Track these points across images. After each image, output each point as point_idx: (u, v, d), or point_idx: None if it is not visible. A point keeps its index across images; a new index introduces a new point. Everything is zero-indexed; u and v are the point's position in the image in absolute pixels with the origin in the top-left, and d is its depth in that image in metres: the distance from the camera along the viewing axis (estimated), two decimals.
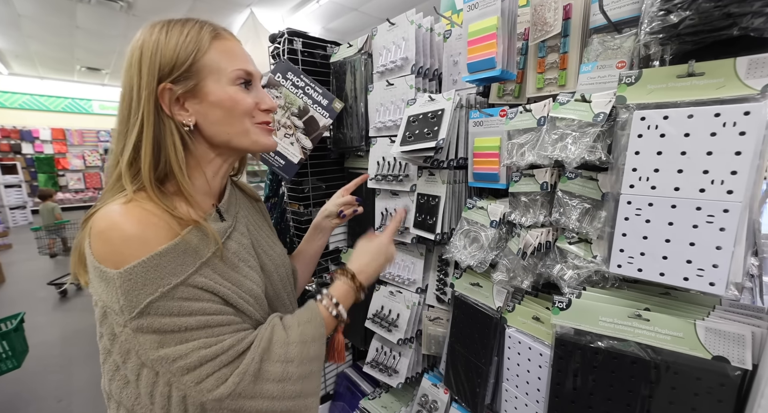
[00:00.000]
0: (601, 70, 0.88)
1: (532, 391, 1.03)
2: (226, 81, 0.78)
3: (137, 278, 0.65)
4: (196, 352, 0.68)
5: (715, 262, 0.68)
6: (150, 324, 0.66)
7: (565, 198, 0.94)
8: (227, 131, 0.81)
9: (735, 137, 0.64)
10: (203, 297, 0.71)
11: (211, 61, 0.77)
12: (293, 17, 5.91)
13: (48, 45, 7.28)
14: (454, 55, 1.26)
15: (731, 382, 0.70)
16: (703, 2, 0.58)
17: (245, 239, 0.89)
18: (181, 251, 0.70)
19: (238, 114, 0.80)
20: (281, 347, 0.75)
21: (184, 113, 0.78)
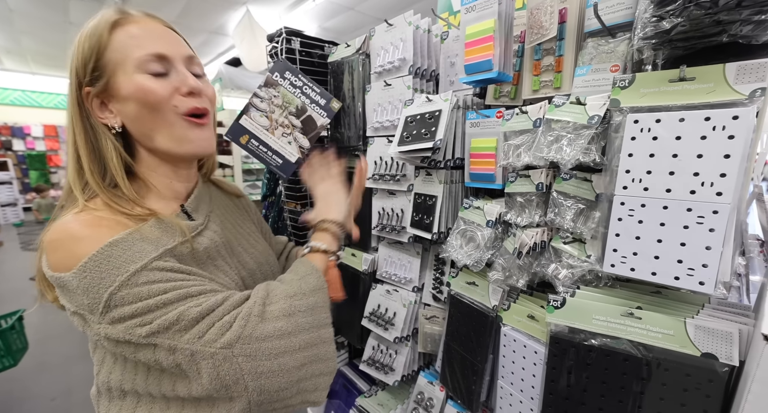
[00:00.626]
0: (595, 74, 0.90)
1: (526, 388, 1.06)
2: (133, 69, 0.71)
3: (92, 273, 0.61)
4: (188, 312, 0.63)
5: (705, 262, 0.71)
6: (121, 314, 0.62)
7: (560, 199, 0.96)
8: (150, 127, 0.75)
9: (724, 141, 0.67)
10: (174, 277, 0.66)
11: (114, 51, 0.71)
12: (289, 16, 5.90)
13: (40, 41, 7.22)
14: (451, 57, 1.28)
15: (719, 378, 0.72)
16: (694, 10, 0.60)
17: (218, 238, 0.84)
18: (137, 239, 0.66)
19: (151, 104, 0.72)
20: (278, 288, 0.73)
21: (109, 115, 0.74)
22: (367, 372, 1.59)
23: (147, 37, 0.73)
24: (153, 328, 0.62)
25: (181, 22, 6.20)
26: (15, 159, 10.35)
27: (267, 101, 1.49)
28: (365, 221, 1.57)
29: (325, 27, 6.43)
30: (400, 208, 1.40)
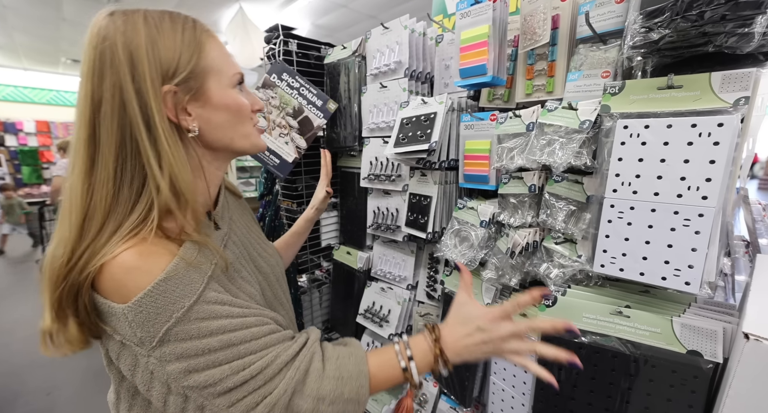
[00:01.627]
0: (587, 79, 0.92)
1: (518, 384, 1.08)
2: (228, 83, 0.74)
3: (148, 309, 0.61)
4: (226, 380, 0.64)
5: (691, 263, 0.73)
6: (173, 350, 0.62)
7: (552, 200, 0.98)
8: (230, 134, 0.76)
9: (710, 147, 0.69)
10: (220, 313, 0.66)
11: (211, 61, 0.71)
12: (282, 13, 5.87)
13: (33, 37, 7.14)
14: (445, 59, 1.30)
15: (704, 374, 0.75)
16: (681, 22, 0.62)
17: (237, 249, 0.85)
18: (184, 269, 0.64)
19: (243, 117, 0.77)
20: (315, 380, 0.69)
21: (189, 118, 0.71)
22: None
23: (228, 55, 0.76)
24: (193, 382, 0.63)
25: None
26: (7, 155, 10.23)
27: (264, 102, 1.50)
28: (361, 220, 1.59)
29: (318, 24, 6.42)
30: (395, 207, 1.42)
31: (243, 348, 0.66)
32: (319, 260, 1.82)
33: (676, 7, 0.62)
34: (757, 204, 1.20)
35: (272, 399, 0.66)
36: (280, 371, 0.68)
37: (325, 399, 0.68)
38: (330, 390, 0.69)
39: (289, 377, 0.67)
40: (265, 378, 0.66)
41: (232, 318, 0.67)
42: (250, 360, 0.66)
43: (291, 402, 0.67)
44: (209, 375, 0.64)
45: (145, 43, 0.65)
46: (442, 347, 0.74)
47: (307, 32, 6.69)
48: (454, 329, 0.77)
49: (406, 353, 0.74)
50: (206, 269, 0.68)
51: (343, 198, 1.75)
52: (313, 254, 1.76)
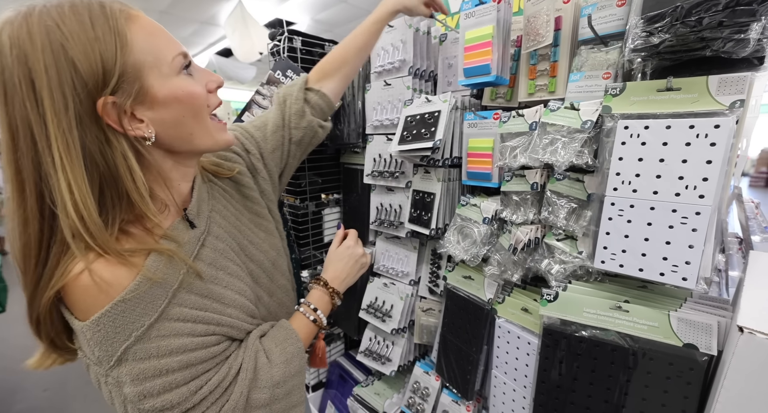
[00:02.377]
0: (588, 80, 0.95)
1: (519, 377, 1.11)
2: (170, 72, 0.65)
3: (107, 328, 0.59)
4: (184, 402, 0.65)
5: (688, 259, 0.76)
6: (129, 371, 0.61)
7: (553, 198, 1.01)
8: (189, 131, 0.70)
9: (707, 148, 0.72)
10: (182, 330, 0.66)
11: (141, 51, 0.61)
12: (282, 7, 5.88)
13: None
14: (449, 58, 1.32)
15: (699, 367, 0.78)
16: (681, 27, 0.66)
17: (221, 243, 0.81)
18: (146, 287, 0.62)
19: (197, 107, 0.69)
20: (266, 373, 0.75)
21: (141, 125, 0.64)
22: (363, 363, 1.64)
23: (162, 34, 0.66)
24: (150, 406, 0.63)
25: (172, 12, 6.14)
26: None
27: (269, 98, 1.52)
28: (364, 216, 1.62)
29: (318, 19, 6.43)
30: (398, 204, 1.45)
31: (201, 367, 0.68)
32: (322, 255, 1.85)
33: (676, 13, 0.65)
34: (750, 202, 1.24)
35: (230, 404, 0.70)
36: (234, 378, 0.72)
37: (279, 383, 0.76)
38: (281, 375, 0.77)
39: (241, 379, 0.72)
40: (222, 389, 0.70)
41: (194, 336, 0.67)
42: (207, 377, 0.68)
43: (249, 399, 0.72)
44: (165, 400, 0.63)
45: (45, 59, 0.55)
46: (332, 286, 0.99)
47: (307, 27, 6.71)
48: (334, 266, 1.03)
49: (311, 309, 0.93)
50: (173, 281, 0.65)
51: (346, 194, 1.78)
52: (316, 249, 1.79)
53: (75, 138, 0.57)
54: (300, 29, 2.11)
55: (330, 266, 1.04)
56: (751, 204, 1.22)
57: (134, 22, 0.62)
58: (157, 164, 0.70)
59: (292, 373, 0.79)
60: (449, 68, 1.33)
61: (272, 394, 0.75)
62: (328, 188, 1.79)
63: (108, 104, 0.59)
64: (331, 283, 0.99)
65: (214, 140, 0.74)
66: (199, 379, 0.67)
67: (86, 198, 0.58)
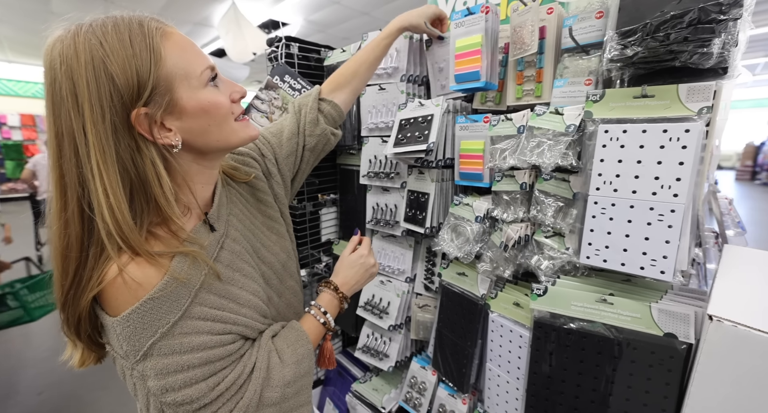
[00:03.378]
0: (571, 86, 1.01)
1: (512, 369, 1.17)
2: (198, 85, 0.70)
3: (135, 324, 0.64)
4: (202, 398, 0.69)
5: (665, 253, 0.82)
6: (154, 365, 0.66)
7: (541, 197, 1.07)
8: (216, 138, 0.75)
9: (679, 150, 0.78)
10: (203, 329, 0.70)
11: (174, 66, 0.66)
12: (275, 8, 5.91)
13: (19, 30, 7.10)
14: (438, 62, 1.38)
15: (679, 354, 0.84)
16: (651, 41, 0.72)
17: (238, 246, 0.86)
18: (173, 287, 0.66)
19: (222, 117, 0.74)
20: (278, 372, 0.79)
21: (169, 134, 0.69)
22: (360, 359, 1.69)
23: (194, 49, 0.71)
24: (171, 399, 0.68)
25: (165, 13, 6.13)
26: None
27: (267, 103, 1.57)
28: (360, 216, 1.68)
29: (311, 20, 6.46)
30: (393, 203, 1.51)
31: (219, 365, 0.72)
32: (320, 254, 1.90)
33: (647, 28, 0.72)
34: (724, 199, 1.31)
35: (245, 401, 0.74)
36: (249, 376, 0.76)
37: (289, 383, 0.80)
38: (292, 374, 0.81)
39: (255, 378, 0.76)
40: (237, 386, 0.74)
41: (213, 334, 0.72)
42: (224, 374, 0.73)
43: (261, 397, 0.76)
44: (186, 395, 0.68)
45: (87, 74, 0.61)
46: (341, 290, 1.01)
47: (300, 27, 6.74)
48: (345, 272, 1.05)
49: (321, 312, 0.96)
50: (195, 281, 0.70)
51: (343, 195, 1.83)
52: (314, 249, 1.84)
53: (111, 146, 0.63)
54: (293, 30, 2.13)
55: (341, 272, 1.05)
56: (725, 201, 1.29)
57: (168, 39, 0.67)
58: (183, 169, 0.74)
59: (302, 373, 0.83)
60: (440, 72, 1.38)
61: (283, 393, 0.79)
62: (325, 188, 1.85)
63: (141, 115, 0.64)
64: (341, 288, 1.01)
65: (239, 138, 0.79)
66: (216, 376, 0.71)
67: (120, 203, 0.63)
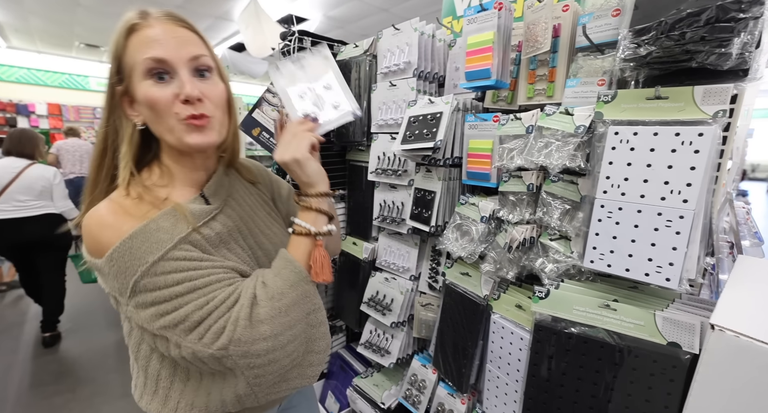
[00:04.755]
0: (584, 86, 0.98)
1: (512, 372, 1.15)
2: (140, 76, 0.74)
3: (119, 263, 0.70)
4: (192, 314, 0.71)
5: (671, 260, 0.80)
6: (143, 300, 0.71)
7: (548, 199, 1.04)
8: (157, 129, 0.79)
9: (691, 154, 0.75)
10: (186, 267, 0.73)
11: (130, 57, 0.74)
12: (295, 3, 5.91)
13: (48, 21, 7.23)
14: (456, 62, 1.36)
15: (682, 364, 0.81)
16: (665, 40, 0.69)
17: (230, 222, 0.89)
18: (153, 230, 0.72)
19: (158, 112, 0.76)
20: (261, 288, 0.77)
21: (134, 114, 0.79)
22: (363, 355, 1.69)
23: (153, 41, 0.74)
24: (164, 323, 0.71)
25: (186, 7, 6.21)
26: None
27: (278, 97, 1.56)
28: (367, 212, 1.66)
29: (330, 16, 6.45)
30: (400, 201, 1.49)
31: (208, 289, 0.74)
32: None
33: (661, 27, 0.69)
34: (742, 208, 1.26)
35: (234, 315, 0.73)
36: (238, 296, 0.76)
37: (275, 296, 0.77)
38: (274, 287, 0.78)
39: (243, 294, 0.76)
40: (227, 306, 0.74)
41: (200, 269, 0.75)
42: (213, 295, 0.74)
43: (252, 313, 0.74)
44: (175, 317, 0.71)
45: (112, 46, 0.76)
46: (302, 191, 0.89)
47: (319, 23, 6.73)
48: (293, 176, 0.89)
49: (297, 223, 0.87)
50: (179, 231, 0.76)
51: (351, 190, 1.82)
52: None
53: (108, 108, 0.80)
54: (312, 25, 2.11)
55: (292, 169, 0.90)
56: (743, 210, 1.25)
57: (135, 33, 0.75)
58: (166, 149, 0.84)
59: (287, 283, 0.80)
60: (456, 71, 1.37)
61: (272, 307, 0.76)
62: (333, 183, 1.82)
63: (118, 91, 0.77)
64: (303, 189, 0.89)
65: (177, 140, 0.78)
66: (205, 297, 0.73)
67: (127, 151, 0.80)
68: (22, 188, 3.06)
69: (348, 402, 1.79)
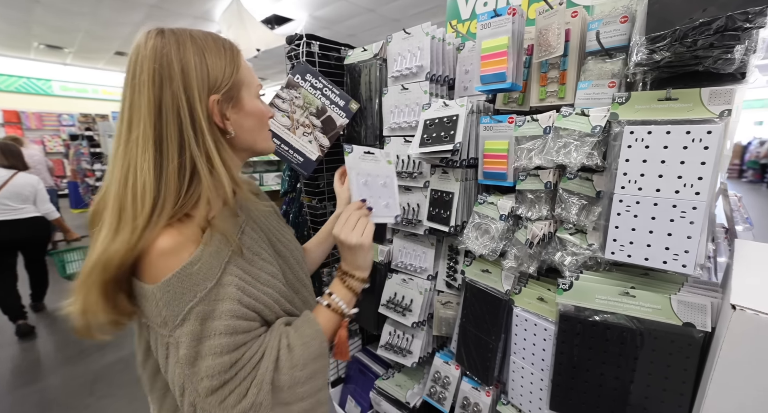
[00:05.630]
0: (595, 88, 1.10)
1: (537, 361, 1.27)
2: (254, 94, 0.93)
3: (175, 289, 0.73)
4: (223, 373, 0.75)
5: (687, 248, 0.92)
6: (191, 330, 0.74)
7: (565, 195, 1.15)
8: (255, 137, 0.94)
9: (701, 151, 0.88)
10: (233, 295, 0.79)
11: (243, 76, 0.89)
12: (279, 4, 5.98)
13: (1, 19, 7.16)
14: (466, 65, 1.48)
15: (696, 342, 0.94)
16: (679, 47, 0.81)
17: (255, 233, 0.97)
18: (208, 255, 0.77)
19: (264, 123, 0.97)
20: (286, 354, 0.82)
21: (228, 122, 0.87)
22: (380, 357, 1.79)
23: (251, 69, 0.94)
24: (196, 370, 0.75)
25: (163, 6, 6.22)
26: None
27: (288, 102, 1.67)
28: None
29: (316, 16, 6.53)
30: (416, 203, 1.60)
31: (241, 338, 0.79)
32: None
33: (676, 34, 0.81)
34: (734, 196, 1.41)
35: (259, 378, 0.78)
36: (262, 356, 0.81)
37: (298, 365, 0.82)
38: (300, 356, 0.83)
39: (267, 357, 0.80)
40: (252, 365, 0.79)
41: (240, 304, 0.80)
42: (243, 350, 0.79)
43: (273, 380, 0.79)
44: (210, 367, 0.74)
45: (194, 60, 0.80)
46: (349, 271, 1.03)
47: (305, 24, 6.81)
48: (342, 254, 1.05)
49: (327, 295, 1.00)
50: (224, 255, 0.81)
51: None
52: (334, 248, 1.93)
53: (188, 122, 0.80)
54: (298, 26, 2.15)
55: (341, 253, 1.06)
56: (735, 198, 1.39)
57: (242, 57, 0.91)
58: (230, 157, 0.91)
59: (311, 356, 0.85)
60: (466, 74, 1.48)
61: (292, 376, 0.81)
62: None
63: (214, 100, 0.83)
64: (349, 270, 1.03)
65: (267, 145, 1.00)
66: (237, 351, 0.78)
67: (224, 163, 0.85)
68: (10, 194, 3.72)
69: (368, 405, 1.89)
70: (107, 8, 6.48)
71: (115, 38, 8.24)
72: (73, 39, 8.46)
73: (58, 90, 11.79)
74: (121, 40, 8.33)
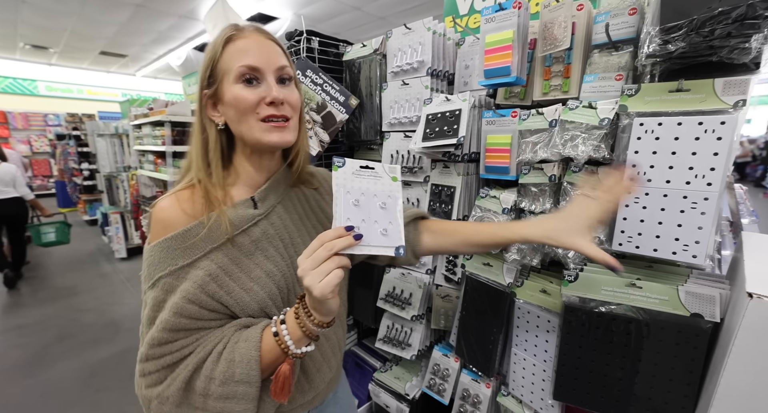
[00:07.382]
0: (602, 81, 1.08)
1: (539, 353, 1.24)
2: (232, 80, 0.84)
3: (156, 255, 0.80)
4: (154, 348, 0.78)
5: (698, 239, 0.90)
6: (155, 296, 0.79)
7: (570, 188, 1.13)
8: (239, 128, 0.87)
9: (714, 141, 0.85)
10: (199, 280, 0.79)
11: (224, 63, 0.84)
12: (264, 2, 5.89)
13: None
14: (466, 60, 1.45)
15: (704, 333, 0.92)
16: (695, 37, 0.79)
17: (272, 229, 0.91)
18: (193, 235, 0.81)
19: (242, 111, 0.84)
20: (212, 361, 0.77)
21: (216, 114, 0.88)
22: (375, 350, 1.75)
23: (248, 51, 0.84)
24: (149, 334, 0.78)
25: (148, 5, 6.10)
26: None
27: None
28: None
29: (301, 14, 6.45)
30: (416, 197, 1.57)
31: (184, 323, 0.78)
32: None
33: (692, 24, 0.78)
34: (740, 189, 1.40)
35: (175, 374, 0.78)
36: (191, 351, 0.79)
37: (215, 379, 0.75)
38: (221, 372, 0.76)
39: (194, 354, 0.78)
40: (181, 355, 0.78)
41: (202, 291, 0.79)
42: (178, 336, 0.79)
43: (190, 378, 0.77)
44: (152, 336, 0.78)
45: (203, 61, 0.87)
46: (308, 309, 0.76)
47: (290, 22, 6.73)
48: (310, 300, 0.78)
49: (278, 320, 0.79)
50: (215, 240, 0.83)
51: None
52: None
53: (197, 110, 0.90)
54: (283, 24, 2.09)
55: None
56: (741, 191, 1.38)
57: (230, 43, 0.85)
58: (239, 148, 0.93)
59: (232, 378, 0.76)
60: (466, 69, 1.45)
61: (206, 386, 0.76)
62: None
63: (204, 94, 0.87)
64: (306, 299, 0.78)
65: (256, 138, 0.86)
66: (174, 333, 0.78)
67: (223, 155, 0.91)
68: None
69: (365, 398, 1.85)
70: (93, 7, 6.31)
71: (100, 38, 8.02)
72: (59, 39, 8.25)
73: (43, 90, 11.57)
74: (106, 40, 8.09)
